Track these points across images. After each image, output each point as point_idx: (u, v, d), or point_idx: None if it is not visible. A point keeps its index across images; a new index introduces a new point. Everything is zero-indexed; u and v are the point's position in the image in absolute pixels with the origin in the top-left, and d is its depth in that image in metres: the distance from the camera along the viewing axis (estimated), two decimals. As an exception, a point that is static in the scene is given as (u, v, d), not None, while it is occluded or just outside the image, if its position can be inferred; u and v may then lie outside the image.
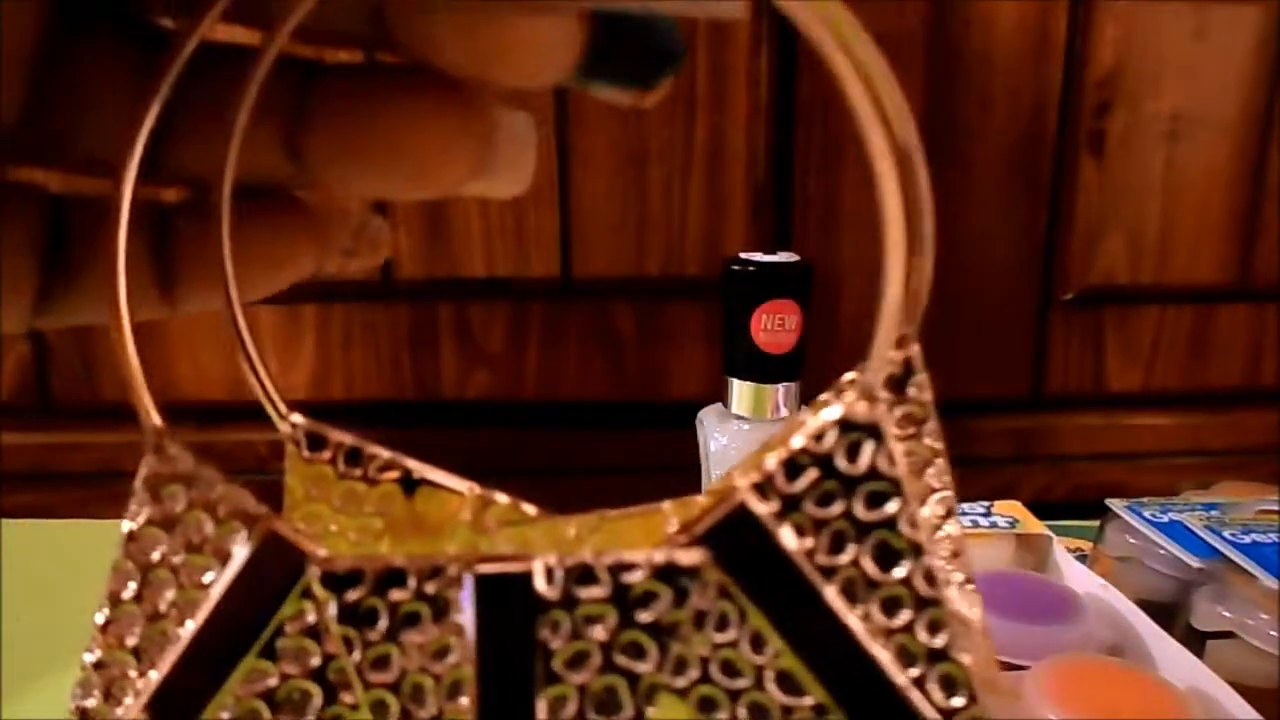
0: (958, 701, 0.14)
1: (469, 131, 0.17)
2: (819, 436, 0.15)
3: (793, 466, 0.14)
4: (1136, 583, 0.53)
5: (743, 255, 0.54)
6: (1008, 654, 0.46)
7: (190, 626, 0.15)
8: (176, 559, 0.15)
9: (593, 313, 0.78)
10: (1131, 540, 0.55)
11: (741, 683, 0.14)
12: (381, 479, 0.18)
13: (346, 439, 0.18)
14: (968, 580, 0.21)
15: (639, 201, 0.76)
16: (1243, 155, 0.75)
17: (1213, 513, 0.55)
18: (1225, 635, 0.49)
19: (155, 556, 0.15)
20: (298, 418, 0.17)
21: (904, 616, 0.14)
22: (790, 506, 0.14)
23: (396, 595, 0.14)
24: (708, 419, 0.56)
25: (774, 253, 0.55)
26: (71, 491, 0.78)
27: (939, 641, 0.14)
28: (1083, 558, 0.56)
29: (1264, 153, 0.76)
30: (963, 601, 0.21)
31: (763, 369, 0.55)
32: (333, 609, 0.14)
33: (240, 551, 0.15)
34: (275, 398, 0.16)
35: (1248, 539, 0.51)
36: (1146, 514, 0.55)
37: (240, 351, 0.16)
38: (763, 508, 0.14)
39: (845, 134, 0.74)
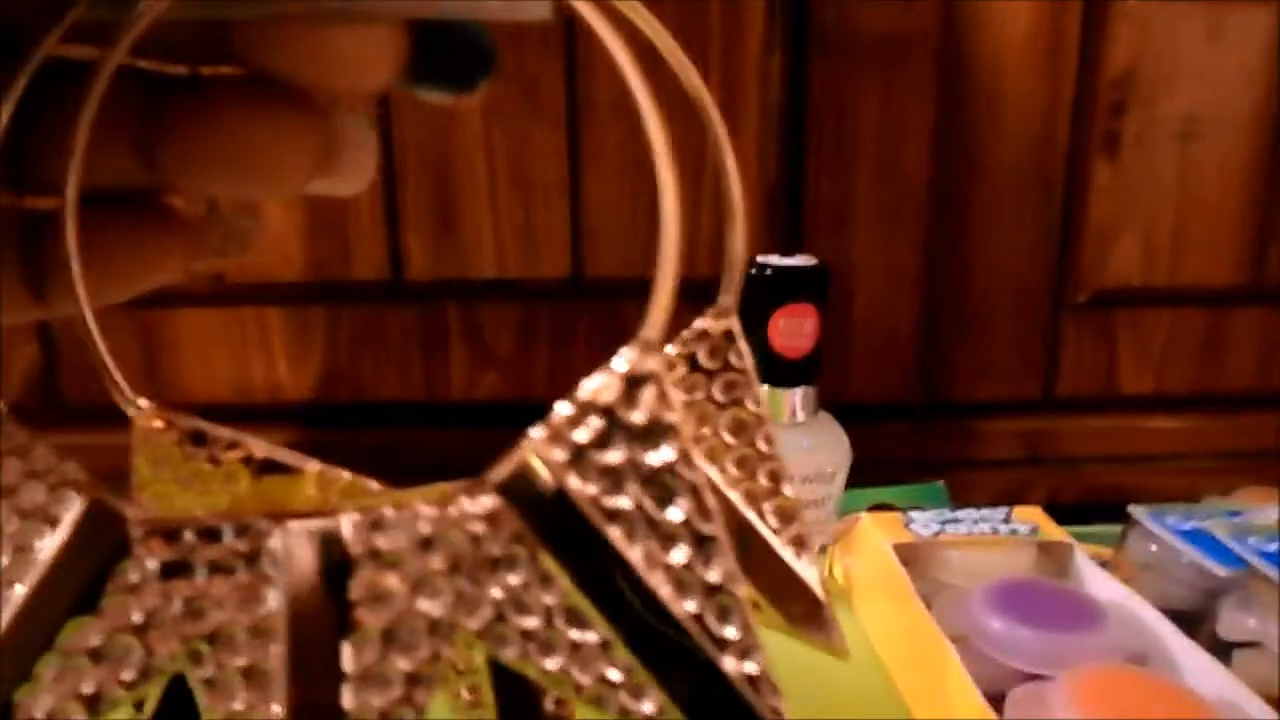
0: (731, 632, 0.15)
1: (308, 134, 0.19)
2: (603, 389, 0.15)
3: (578, 417, 0.15)
4: (1160, 591, 0.52)
5: (759, 258, 0.54)
6: (1033, 663, 0.45)
7: (20, 590, 0.16)
8: (10, 527, 0.16)
9: (603, 313, 0.77)
10: (1154, 548, 0.54)
11: (532, 621, 0.15)
12: (226, 459, 0.19)
13: (191, 422, 0.19)
14: (798, 539, 0.21)
15: (650, 201, 0.74)
16: (1257, 157, 0.74)
17: (1236, 520, 0.53)
18: (1251, 645, 0.48)
19: (-9, 526, 0.16)
20: (144, 402, 0.19)
21: (682, 553, 0.15)
22: (577, 455, 0.15)
23: (211, 551, 0.15)
24: None
25: (790, 255, 0.54)
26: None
27: (714, 576, 0.15)
28: (1103, 564, 0.55)
29: (1278, 154, 0.75)
30: (798, 562, 0.21)
31: (779, 373, 0.54)
32: (152, 564, 0.15)
33: (69, 517, 0.16)
34: (121, 384, 0.17)
35: (1273, 547, 0.50)
36: (1169, 521, 0.54)
37: (90, 346, 0.18)
38: (551, 456, 0.15)
39: (858, 134, 0.73)
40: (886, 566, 0.53)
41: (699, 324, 0.22)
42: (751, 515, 0.21)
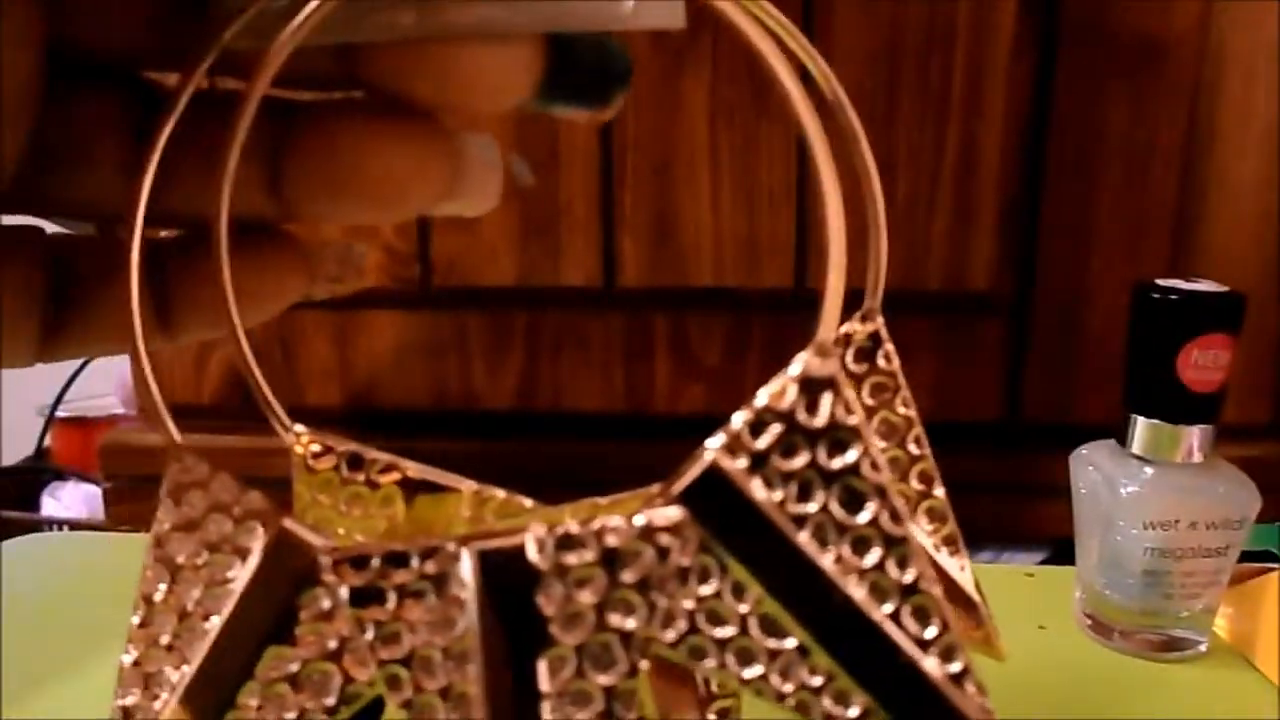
0: (931, 632, 0.15)
1: (436, 156, 0.19)
2: (780, 394, 0.15)
3: (758, 424, 0.15)
4: None
5: (1159, 282, 0.50)
6: None
7: (215, 621, 0.16)
8: (200, 559, 0.16)
9: (821, 326, 0.72)
10: None
11: (727, 631, 0.15)
12: (382, 481, 0.20)
13: (347, 446, 0.19)
14: (950, 538, 0.21)
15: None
16: None
17: None
18: None
19: (180, 559, 0.16)
20: (300, 428, 0.19)
21: (874, 555, 0.15)
22: (758, 462, 0.15)
23: (401, 576, 0.15)
24: (1095, 456, 0.52)
25: (1188, 279, 0.51)
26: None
27: (909, 576, 0.15)
28: None
29: None
30: (951, 563, 0.21)
31: (1183, 408, 0.51)
32: (344, 593, 0.15)
33: (257, 547, 0.16)
34: (279, 410, 0.18)
35: None
36: None
37: (246, 371, 0.18)
38: (732, 465, 0.15)
39: (1103, 145, 0.69)
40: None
41: (845, 328, 0.22)
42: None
